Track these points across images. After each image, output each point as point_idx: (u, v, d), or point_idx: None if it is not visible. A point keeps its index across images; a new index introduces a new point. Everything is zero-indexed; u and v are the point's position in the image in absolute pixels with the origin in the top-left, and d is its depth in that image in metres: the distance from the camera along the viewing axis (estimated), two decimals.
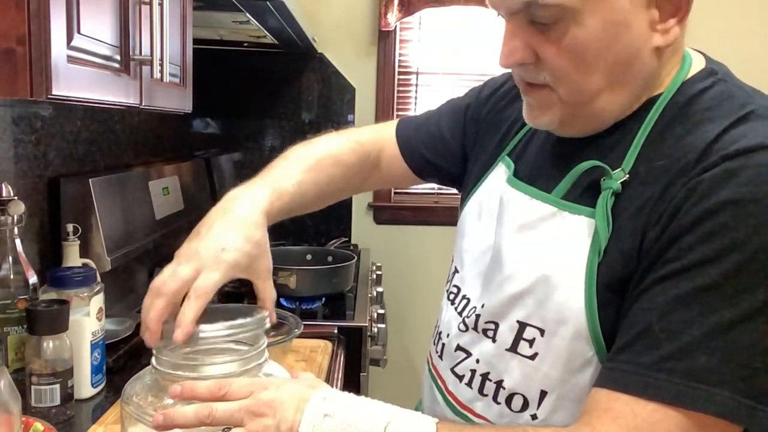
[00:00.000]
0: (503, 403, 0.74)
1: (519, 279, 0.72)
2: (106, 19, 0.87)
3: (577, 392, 0.69)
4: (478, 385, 0.76)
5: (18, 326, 1.03)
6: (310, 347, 1.34)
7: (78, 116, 1.47)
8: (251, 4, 1.48)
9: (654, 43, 0.67)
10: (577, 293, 0.67)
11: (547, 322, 0.69)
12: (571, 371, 0.68)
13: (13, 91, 0.69)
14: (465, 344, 0.79)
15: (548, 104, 0.72)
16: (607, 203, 0.67)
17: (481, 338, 0.76)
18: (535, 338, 0.70)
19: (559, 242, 0.70)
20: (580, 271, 0.67)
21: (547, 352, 0.70)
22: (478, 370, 0.76)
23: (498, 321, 0.74)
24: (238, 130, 2.47)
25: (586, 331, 0.66)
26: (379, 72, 2.47)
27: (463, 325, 0.80)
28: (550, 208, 0.73)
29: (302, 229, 2.50)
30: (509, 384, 0.73)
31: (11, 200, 1.02)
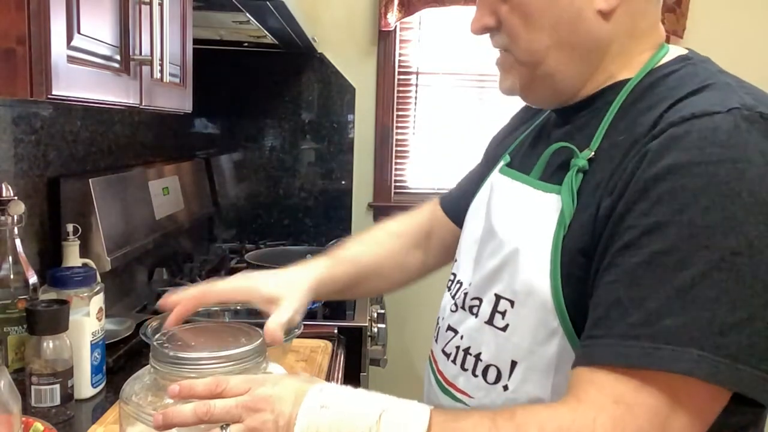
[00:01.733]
0: (480, 376, 0.77)
1: (497, 255, 0.76)
2: (106, 19, 0.87)
3: (544, 363, 0.71)
4: (461, 361, 0.79)
5: (18, 326, 1.03)
6: (310, 347, 1.35)
7: (78, 116, 1.47)
8: (251, 4, 1.48)
9: (596, 6, 0.71)
10: (543, 266, 0.70)
11: (517, 294, 0.72)
12: (538, 342, 0.71)
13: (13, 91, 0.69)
14: (454, 324, 0.83)
15: (509, 67, 0.79)
16: (573, 180, 0.70)
17: (467, 315, 0.80)
18: (506, 310, 0.74)
19: (531, 219, 0.74)
20: (547, 245, 0.70)
21: (517, 323, 0.73)
22: (461, 345, 0.80)
23: (481, 296, 0.78)
24: (238, 130, 2.47)
25: (551, 303, 0.69)
26: (379, 72, 2.47)
27: (453, 306, 0.84)
28: (525, 188, 0.77)
29: (302, 229, 2.50)
30: (485, 356, 0.76)
31: (11, 200, 1.02)
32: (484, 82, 2.52)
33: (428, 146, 2.57)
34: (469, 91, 2.54)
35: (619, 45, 0.74)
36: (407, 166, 2.58)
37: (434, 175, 2.58)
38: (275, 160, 2.49)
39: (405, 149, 2.56)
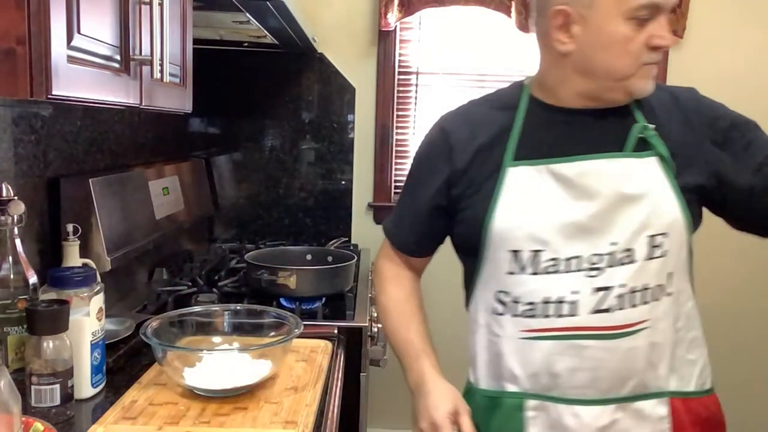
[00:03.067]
0: (650, 301, 1.01)
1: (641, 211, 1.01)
2: (106, 19, 0.87)
3: (681, 264, 1.04)
4: (630, 302, 1.01)
5: (18, 326, 1.03)
6: (310, 347, 1.35)
7: (78, 116, 1.47)
8: (251, 4, 1.48)
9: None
10: (674, 204, 1.02)
11: (667, 227, 1.01)
12: (681, 252, 1.04)
13: (13, 91, 0.69)
14: (603, 283, 1.01)
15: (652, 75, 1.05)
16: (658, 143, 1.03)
17: (619, 269, 1.01)
18: (662, 242, 1.01)
19: (647, 178, 1.02)
20: (669, 189, 1.02)
21: (671, 246, 1.02)
22: (624, 291, 1.00)
23: (632, 246, 1.00)
24: (238, 130, 2.47)
25: (685, 223, 1.02)
26: (379, 72, 2.47)
27: (592, 272, 1.01)
28: (628, 161, 1.03)
29: (302, 229, 2.50)
30: (652, 283, 1.01)
31: (11, 200, 1.02)
32: (484, 82, 2.52)
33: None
34: (469, 91, 2.53)
35: None
36: (407, 166, 2.57)
37: None
38: (275, 160, 2.49)
39: (405, 149, 2.56)
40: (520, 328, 1.04)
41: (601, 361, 1.01)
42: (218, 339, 1.26)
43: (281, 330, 1.23)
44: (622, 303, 1.01)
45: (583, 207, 1.01)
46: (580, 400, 1.03)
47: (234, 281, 1.86)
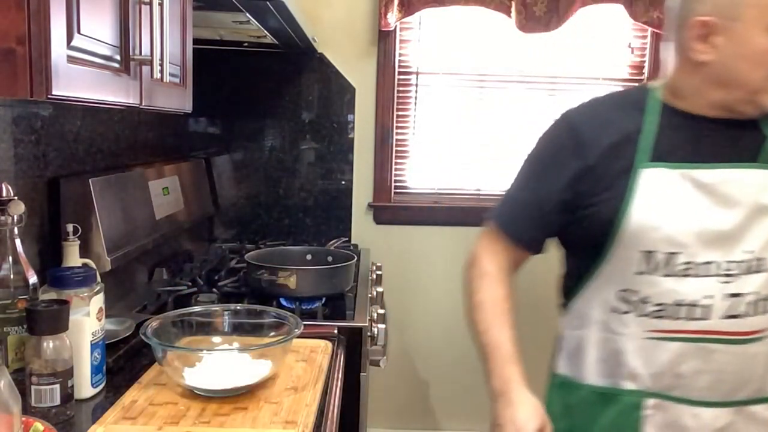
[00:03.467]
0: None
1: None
2: (106, 19, 0.87)
3: None
4: (762, 308, 1.05)
5: (18, 326, 1.03)
6: (310, 347, 1.35)
7: (78, 116, 1.47)
8: (251, 4, 1.48)
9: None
10: None
11: None
12: None
13: (13, 91, 0.69)
14: (736, 290, 1.04)
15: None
16: None
17: (750, 276, 1.04)
18: None
19: None
20: None
21: None
22: (758, 298, 1.04)
23: (765, 255, 1.04)
24: (238, 130, 2.47)
25: None
26: (379, 72, 2.47)
27: (726, 278, 1.04)
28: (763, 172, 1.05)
29: (302, 229, 2.50)
30: None
31: (11, 200, 1.02)
32: (484, 82, 2.52)
33: (428, 146, 2.57)
34: (469, 91, 2.54)
35: None
36: (407, 166, 2.58)
37: (434, 175, 2.58)
38: (275, 160, 2.49)
39: (405, 149, 2.56)
40: (647, 327, 1.08)
41: (726, 365, 1.06)
42: (218, 339, 1.26)
43: (281, 330, 1.23)
44: (753, 310, 1.05)
45: (722, 214, 1.04)
46: (701, 402, 1.08)
47: (234, 281, 1.86)
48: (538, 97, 2.50)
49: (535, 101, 2.51)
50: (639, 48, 2.50)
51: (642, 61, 2.50)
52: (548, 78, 2.50)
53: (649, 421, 1.10)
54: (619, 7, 2.38)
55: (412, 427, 2.63)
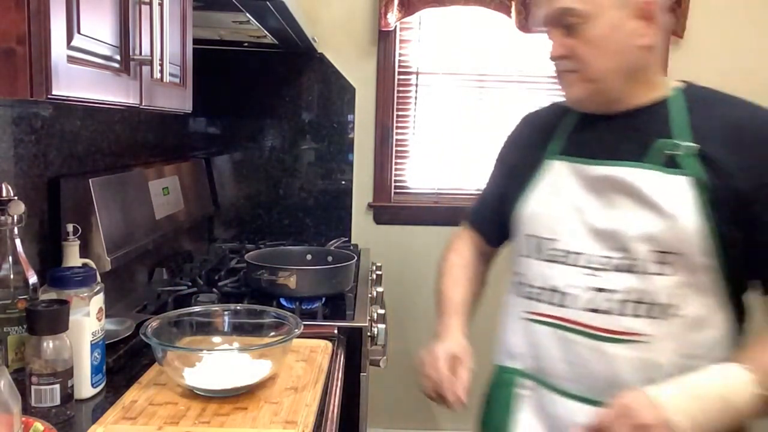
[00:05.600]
0: (658, 316, 1.00)
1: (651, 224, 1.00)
2: (106, 19, 0.87)
3: (700, 289, 1.00)
4: (632, 309, 1.01)
5: (18, 326, 1.03)
6: (310, 347, 1.35)
7: (78, 116, 1.47)
8: (251, 4, 1.48)
9: (640, 43, 1.01)
10: (693, 224, 0.97)
11: (680, 246, 0.98)
12: (697, 276, 1.00)
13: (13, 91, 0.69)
14: (601, 284, 1.03)
15: (576, 83, 1.06)
16: (693, 163, 0.99)
17: (620, 275, 1.02)
18: (673, 261, 0.99)
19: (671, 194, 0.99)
20: (692, 210, 0.98)
21: (682, 266, 0.99)
22: (625, 298, 1.02)
23: (638, 257, 1.01)
24: (238, 130, 2.47)
25: (704, 247, 0.97)
26: (379, 72, 2.47)
27: (590, 271, 1.04)
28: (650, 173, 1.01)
29: (302, 229, 2.50)
30: (659, 299, 1.00)
31: (11, 200, 1.02)
32: (484, 82, 2.52)
33: (428, 146, 2.57)
34: (469, 91, 2.54)
35: (649, 70, 1.05)
36: (407, 166, 2.58)
37: (434, 175, 2.58)
38: (275, 160, 2.49)
39: (405, 149, 2.56)
40: (524, 308, 1.13)
41: (588, 361, 1.04)
42: (218, 339, 1.26)
43: (281, 330, 1.23)
44: (620, 309, 1.02)
45: (599, 210, 1.05)
46: (570, 394, 1.07)
47: (234, 281, 1.86)
48: (538, 97, 2.50)
49: (535, 101, 2.51)
50: None
51: None
52: (548, 78, 2.50)
53: (525, 401, 1.14)
54: None
55: (412, 427, 2.63)
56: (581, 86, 1.05)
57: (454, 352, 1.11)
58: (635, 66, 1.04)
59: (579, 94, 1.07)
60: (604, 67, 1.03)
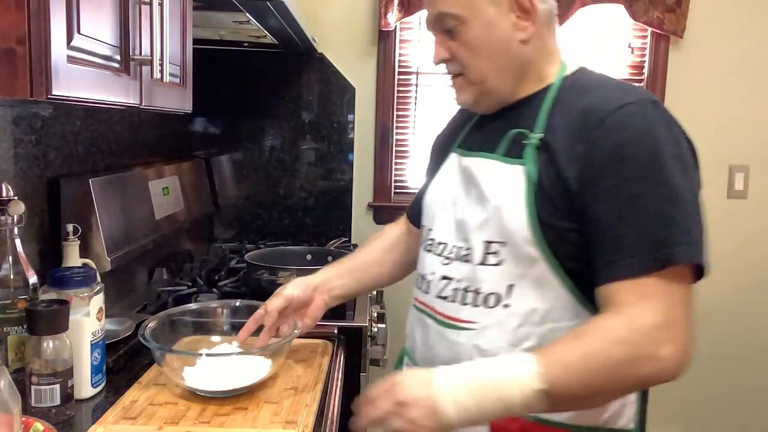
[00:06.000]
0: (481, 305, 1.00)
1: (483, 213, 1.01)
2: (106, 19, 0.87)
3: (532, 282, 0.97)
4: (461, 298, 1.02)
5: (18, 326, 1.03)
6: (310, 347, 1.34)
7: (78, 116, 1.47)
8: (251, 4, 1.48)
9: (518, 37, 1.01)
10: (520, 214, 0.96)
11: (506, 236, 0.98)
12: (525, 267, 0.97)
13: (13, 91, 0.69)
14: (448, 273, 1.05)
15: (463, 87, 1.07)
16: (532, 154, 0.98)
17: (461, 264, 1.03)
18: (498, 250, 0.99)
19: (504, 184, 0.99)
20: (521, 200, 0.97)
21: (509, 257, 0.98)
22: (459, 287, 1.03)
23: (472, 246, 1.02)
24: (238, 130, 2.47)
25: (530, 238, 0.95)
26: (379, 72, 2.47)
27: (445, 260, 1.06)
28: (495, 163, 1.02)
29: (302, 229, 2.50)
30: (484, 288, 1.00)
31: (11, 200, 1.02)
32: None
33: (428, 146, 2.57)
34: None
35: (537, 61, 1.04)
36: (407, 166, 2.58)
37: None
38: (275, 160, 2.49)
39: (405, 149, 2.56)
40: (414, 294, 1.16)
41: (437, 344, 1.06)
42: (217, 338, 1.26)
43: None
44: (459, 298, 1.03)
45: (458, 199, 1.07)
46: None
47: (234, 281, 1.86)
48: None
49: None
50: (639, 48, 2.50)
51: (642, 61, 2.50)
52: None
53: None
54: (619, 7, 2.38)
55: None
56: (469, 90, 1.06)
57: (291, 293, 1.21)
58: (519, 62, 1.02)
59: (466, 98, 1.07)
60: (486, 68, 1.02)
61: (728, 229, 2.50)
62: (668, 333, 0.86)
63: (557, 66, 1.06)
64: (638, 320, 0.86)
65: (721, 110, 2.49)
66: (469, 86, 1.05)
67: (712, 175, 2.50)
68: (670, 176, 0.89)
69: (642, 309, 0.86)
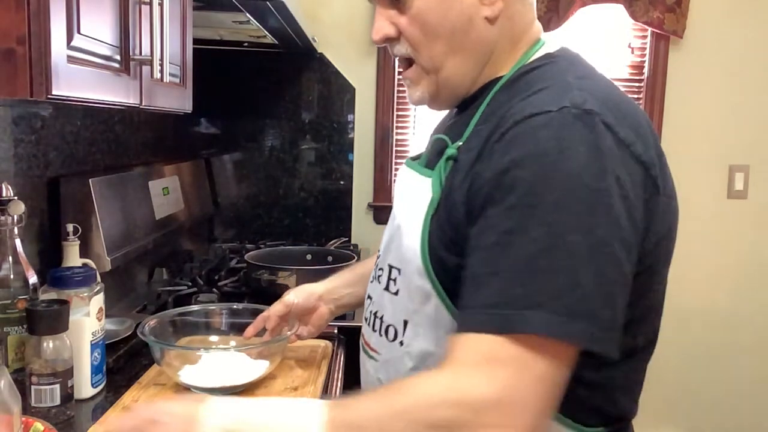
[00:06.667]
0: (383, 335, 0.88)
1: (389, 232, 0.90)
2: (106, 19, 0.87)
3: (427, 320, 0.81)
4: (372, 323, 0.91)
5: (18, 326, 1.03)
6: (310, 347, 1.34)
7: (78, 116, 1.47)
8: (251, 4, 1.48)
9: (483, 14, 0.80)
10: (415, 240, 0.80)
11: (402, 262, 0.84)
12: (419, 302, 0.81)
13: (13, 91, 0.69)
14: (370, 292, 0.94)
15: (417, 79, 0.85)
16: (442, 167, 0.80)
17: (376, 284, 0.91)
18: (396, 277, 0.85)
19: (412, 200, 0.85)
20: (419, 221, 0.80)
21: (403, 287, 0.84)
22: (372, 309, 0.91)
23: (383, 267, 0.90)
24: (238, 130, 2.47)
25: (422, 269, 0.79)
26: (379, 72, 2.47)
27: (371, 277, 0.95)
28: (413, 173, 0.89)
29: (302, 229, 2.50)
30: (386, 318, 0.87)
31: (11, 200, 1.02)
32: None
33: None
34: None
35: (502, 45, 0.83)
36: None
37: None
38: (275, 160, 2.49)
39: (405, 149, 2.56)
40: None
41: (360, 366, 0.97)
42: (216, 338, 1.26)
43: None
44: (370, 320, 0.92)
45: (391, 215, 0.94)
46: None
47: (234, 281, 1.86)
48: None
49: None
50: (639, 48, 2.50)
51: (642, 61, 2.50)
52: None
53: None
54: (619, 7, 2.38)
55: None
56: (423, 83, 0.85)
57: (294, 300, 1.13)
58: (483, 45, 0.82)
59: (421, 94, 0.86)
60: (440, 51, 0.82)
61: (728, 229, 2.49)
62: (500, 415, 0.65)
63: (524, 50, 0.84)
64: (468, 386, 0.66)
65: (721, 110, 2.49)
66: (424, 77, 0.85)
67: (712, 175, 2.50)
68: (559, 215, 0.67)
69: (479, 373, 0.66)
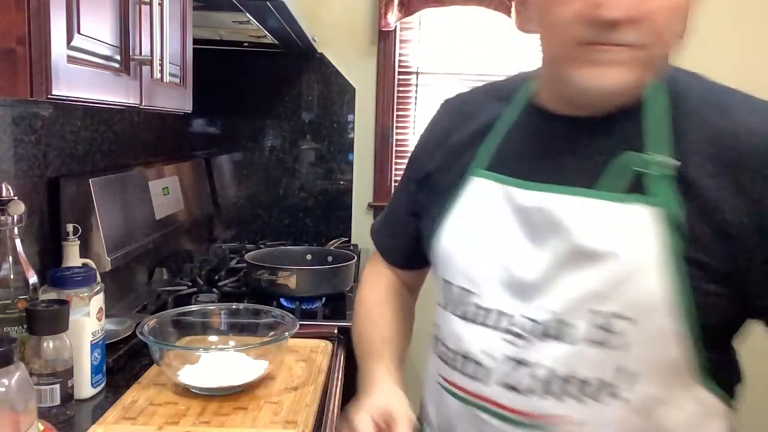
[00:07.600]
0: (590, 398, 0.75)
1: (597, 275, 0.72)
2: (106, 19, 0.87)
3: (669, 370, 0.73)
4: (559, 390, 0.76)
5: (18, 326, 1.03)
6: (310, 347, 1.35)
7: (78, 116, 1.47)
8: (251, 4, 1.48)
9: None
10: (659, 275, 0.69)
11: (632, 308, 0.71)
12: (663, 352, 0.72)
13: (13, 91, 0.69)
14: (521, 355, 0.77)
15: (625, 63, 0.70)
16: (669, 191, 0.70)
17: (544, 343, 0.76)
18: (624, 329, 0.72)
19: (626, 234, 0.71)
20: (656, 258, 0.69)
21: (639, 339, 0.72)
22: (554, 374, 0.76)
23: (573, 321, 0.74)
24: (238, 130, 2.47)
25: (670, 307, 0.70)
26: (379, 72, 2.47)
27: (512, 337, 0.78)
28: (602, 203, 0.73)
29: (302, 229, 2.50)
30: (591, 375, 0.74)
31: (11, 200, 1.02)
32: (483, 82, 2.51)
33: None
34: None
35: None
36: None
37: None
38: (275, 160, 2.49)
39: (405, 149, 2.56)
40: (437, 371, 0.89)
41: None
42: (215, 338, 1.26)
43: (279, 329, 1.23)
44: (543, 388, 0.76)
45: (528, 253, 0.78)
46: None
47: (234, 281, 1.86)
48: None
49: None
50: None
51: None
52: None
53: None
54: None
55: None
56: (631, 70, 0.70)
57: (385, 407, 0.83)
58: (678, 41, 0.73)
59: (619, 81, 0.71)
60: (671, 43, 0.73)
61: None
62: None
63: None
64: None
65: None
66: (636, 67, 0.71)
67: None
68: None
69: None
